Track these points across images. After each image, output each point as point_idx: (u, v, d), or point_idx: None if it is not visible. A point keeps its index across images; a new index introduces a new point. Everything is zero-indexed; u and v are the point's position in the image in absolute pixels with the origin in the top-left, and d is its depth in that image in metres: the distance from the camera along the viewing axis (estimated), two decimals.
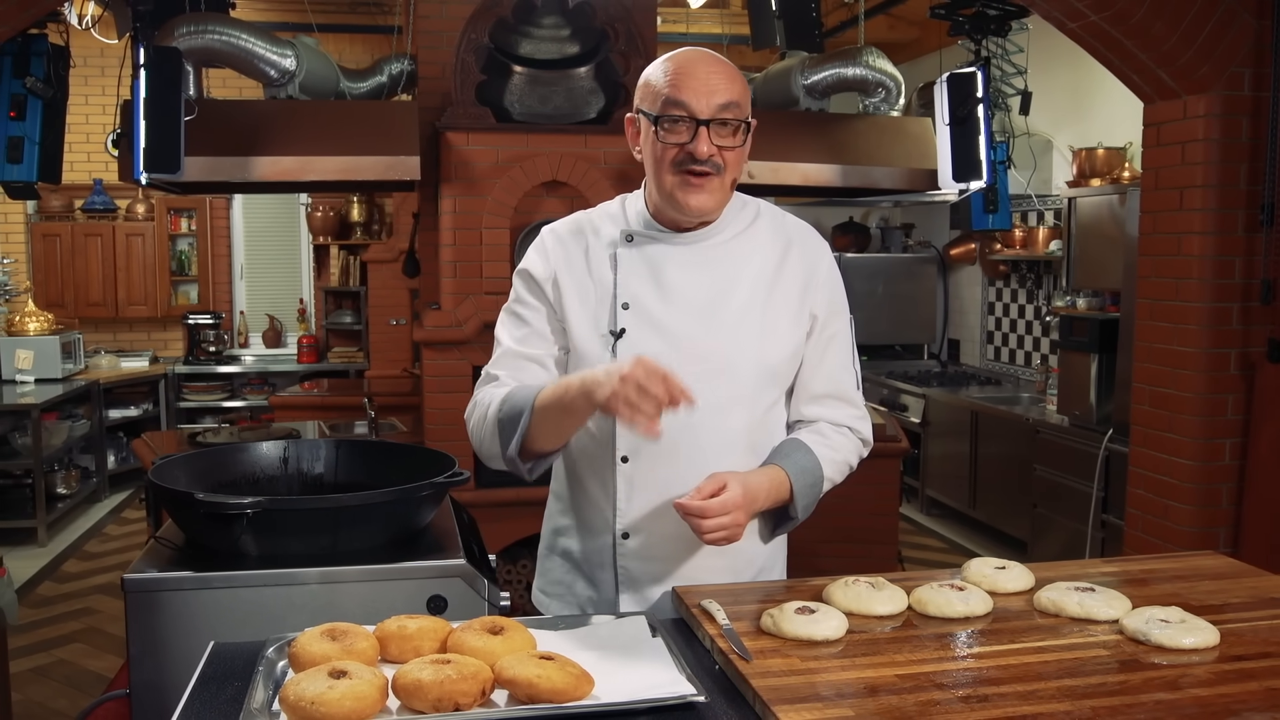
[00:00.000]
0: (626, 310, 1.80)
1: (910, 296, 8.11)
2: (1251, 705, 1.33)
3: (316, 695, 1.27)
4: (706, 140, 1.72)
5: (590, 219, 1.91)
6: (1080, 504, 5.36)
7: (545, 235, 1.91)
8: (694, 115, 1.71)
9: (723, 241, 1.84)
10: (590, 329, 1.82)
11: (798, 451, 1.84)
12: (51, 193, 7.96)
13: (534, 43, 4.82)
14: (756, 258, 1.84)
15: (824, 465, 1.85)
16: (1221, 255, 3.57)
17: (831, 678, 1.40)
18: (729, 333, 1.80)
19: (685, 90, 1.71)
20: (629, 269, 1.82)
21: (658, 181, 1.79)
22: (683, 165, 1.74)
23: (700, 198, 1.76)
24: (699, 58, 1.75)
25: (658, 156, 1.76)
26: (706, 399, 1.74)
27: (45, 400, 6.62)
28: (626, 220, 1.87)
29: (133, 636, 1.76)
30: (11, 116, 4.18)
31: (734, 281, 1.82)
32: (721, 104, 1.72)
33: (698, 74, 1.72)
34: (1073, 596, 1.64)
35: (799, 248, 1.88)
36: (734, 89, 1.73)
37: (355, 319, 8.66)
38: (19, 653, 4.62)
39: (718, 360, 1.79)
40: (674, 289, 1.81)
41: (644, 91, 1.79)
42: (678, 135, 1.73)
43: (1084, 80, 6.11)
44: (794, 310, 1.84)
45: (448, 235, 4.67)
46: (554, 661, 1.36)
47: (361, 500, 1.82)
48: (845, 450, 1.91)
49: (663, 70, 1.76)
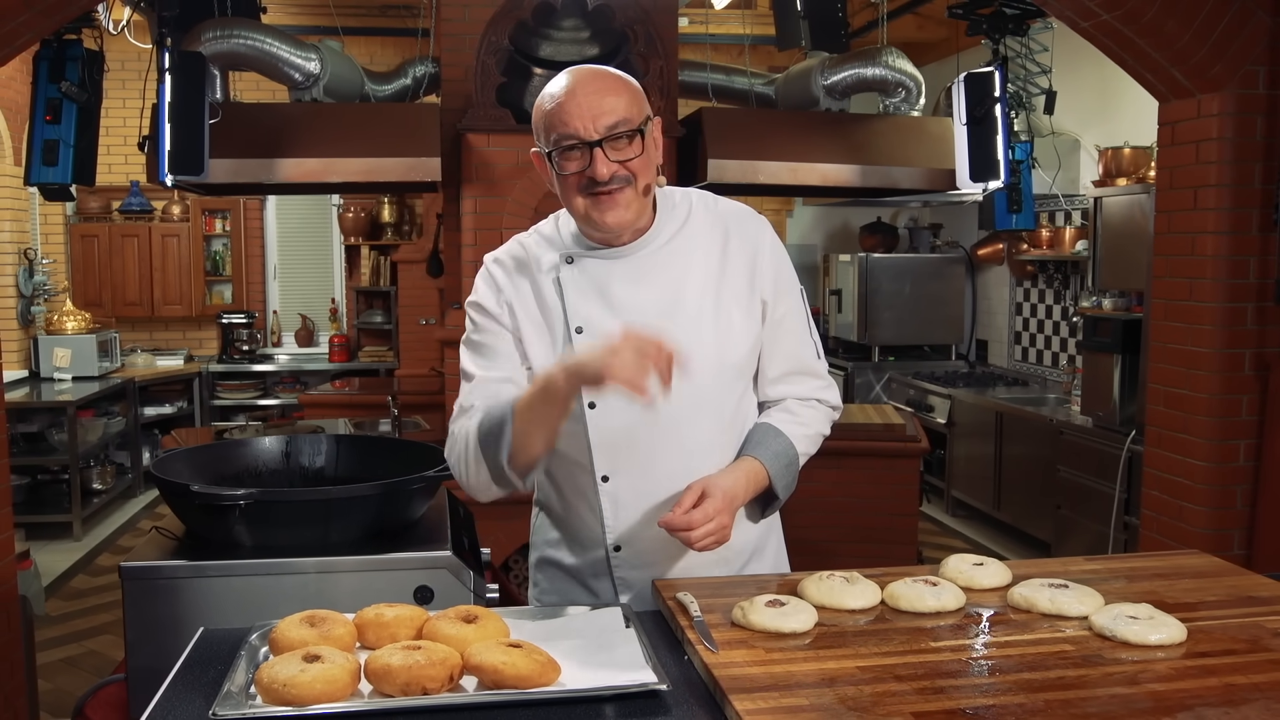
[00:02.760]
0: (580, 334, 1.80)
1: (938, 297, 8.07)
2: (1207, 700, 1.34)
3: (289, 678, 1.32)
4: (604, 161, 1.70)
5: (526, 246, 1.88)
6: (1103, 505, 5.32)
7: (490, 267, 1.89)
8: (584, 140, 1.70)
9: (661, 246, 1.83)
10: (548, 357, 1.82)
11: (769, 437, 1.87)
12: (89, 194, 8.13)
13: (554, 45, 4.87)
14: (698, 256, 1.84)
15: (796, 443, 1.88)
16: (1236, 255, 3.54)
17: (793, 669, 1.42)
18: (685, 338, 1.76)
19: (570, 119, 1.69)
20: (575, 292, 1.81)
21: (571, 209, 1.79)
22: (589, 189, 1.73)
23: (615, 213, 1.75)
24: (577, 81, 1.72)
25: (564, 186, 1.76)
26: (674, 406, 1.74)
27: (82, 398, 6.77)
28: (563, 241, 1.86)
29: (131, 623, 1.82)
30: (47, 120, 4.28)
31: (681, 286, 1.82)
32: (609, 124, 1.70)
33: (578, 98, 1.70)
34: (1044, 593, 1.65)
35: (737, 233, 1.86)
36: (619, 103, 1.71)
37: (386, 318, 8.77)
38: (51, 643, 4.74)
39: (679, 368, 1.78)
40: (623, 305, 1.80)
41: (536, 127, 1.77)
42: (574, 163, 1.72)
43: (1110, 79, 6.07)
44: (745, 302, 1.85)
45: (469, 235, 4.73)
46: (521, 649, 1.40)
47: (351, 493, 1.88)
48: (816, 423, 1.94)
49: (546, 102, 1.74)
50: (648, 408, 1.64)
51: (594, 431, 1.81)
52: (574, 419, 1.80)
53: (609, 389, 1.57)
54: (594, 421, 1.81)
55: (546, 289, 1.83)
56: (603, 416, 1.80)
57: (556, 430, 1.74)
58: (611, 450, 1.82)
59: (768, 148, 4.89)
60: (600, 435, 1.81)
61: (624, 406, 1.75)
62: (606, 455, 1.82)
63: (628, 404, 1.72)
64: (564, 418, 1.73)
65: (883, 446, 4.62)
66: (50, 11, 3.19)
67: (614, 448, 1.82)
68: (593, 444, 1.82)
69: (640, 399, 1.55)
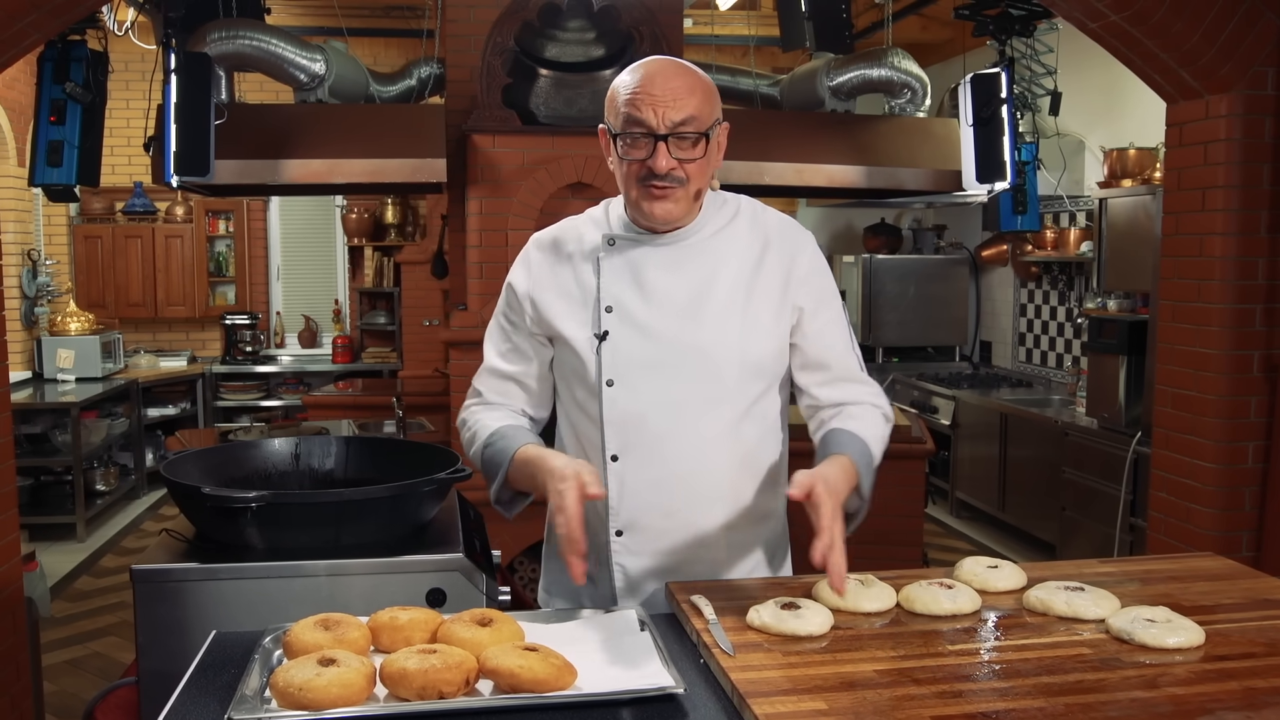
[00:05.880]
0: (610, 313, 1.84)
1: (942, 298, 8.07)
2: (1227, 704, 1.33)
3: (304, 682, 1.32)
4: (665, 156, 1.74)
5: (575, 225, 1.95)
6: (1109, 507, 5.32)
7: (529, 246, 1.97)
8: (652, 131, 1.73)
9: (701, 240, 1.86)
10: (578, 332, 1.86)
11: (847, 439, 1.84)
12: (93, 195, 8.12)
13: (559, 46, 4.87)
14: (735, 255, 1.86)
15: (872, 445, 1.88)
16: (1244, 256, 3.53)
17: (811, 672, 1.42)
18: (711, 330, 1.82)
19: (643, 107, 1.73)
20: (611, 272, 1.86)
21: (625, 192, 1.84)
22: (645, 180, 1.77)
23: (664, 206, 1.79)
24: (658, 71, 1.76)
25: (622, 171, 1.81)
26: (691, 395, 1.80)
27: (85, 399, 6.77)
28: (609, 224, 1.91)
29: (142, 625, 1.81)
30: (51, 121, 4.28)
31: (713, 279, 1.84)
32: (679, 120, 1.73)
33: (655, 89, 1.73)
34: (1061, 596, 1.65)
35: (778, 243, 1.89)
36: (692, 102, 1.74)
37: (389, 320, 8.76)
38: (55, 645, 4.73)
39: (701, 358, 1.81)
40: (655, 290, 1.84)
41: (609, 106, 1.81)
42: (638, 151, 1.76)
43: (1115, 80, 6.05)
44: (775, 305, 1.86)
45: (474, 237, 4.72)
46: (537, 652, 1.39)
47: (363, 495, 1.87)
48: (880, 426, 1.94)
49: (623, 85, 1.78)
50: (663, 391, 1.78)
51: (608, 408, 1.83)
52: (591, 394, 1.85)
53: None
54: (609, 398, 1.83)
55: (583, 264, 1.89)
56: (619, 394, 1.83)
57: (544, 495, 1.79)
58: (623, 429, 1.83)
59: (774, 149, 4.89)
60: (614, 413, 1.83)
61: (641, 387, 1.81)
62: (617, 434, 1.83)
63: (645, 385, 1.81)
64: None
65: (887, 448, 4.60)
66: (58, 12, 3.18)
67: (626, 427, 1.83)
68: (605, 420, 1.83)
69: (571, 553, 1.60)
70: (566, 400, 1.94)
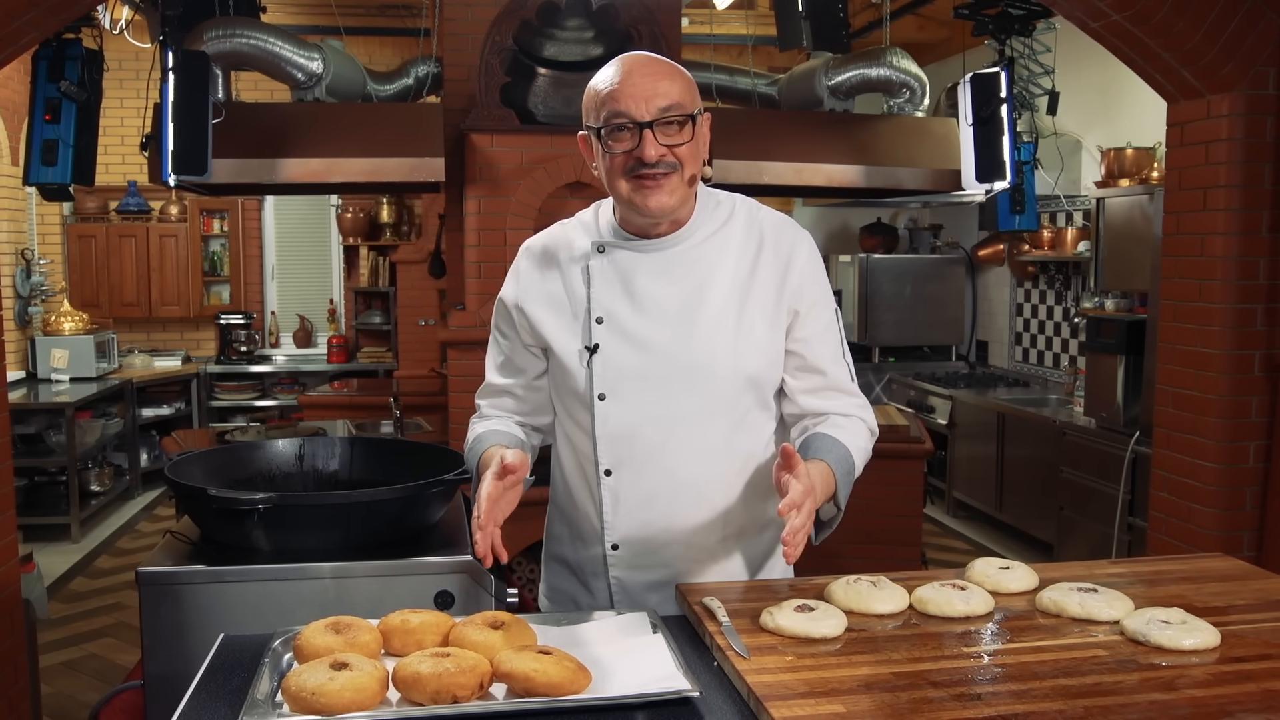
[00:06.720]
0: (600, 325, 1.80)
1: (938, 298, 8.07)
2: (1247, 706, 1.33)
3: (317, 686, 1.30)
4: (653, 143, 1.70)
5: (565, 231, 1.90)
6: (1107, 507, 5.32)
7: (519, 256, 1.93)
8: (636, 120, 1.70)
9: (694, 245, 1.82)
10: (569, 344, 1.82)
11: (829, 445, 1.80)
12: (87, 194, 8.08)
13: (558, 45, 4.86)
14: (729, 259, 1.82)
15: (854, 455, 1.83)
16: (1245, 256, 3.53)
17: (827, 675, 1.41)
18: (704, 341, 1.77)
19: (623, 98, 1.70)
20: (601, 282, 1.81)
21: (614, 192, 1.78)
22: (634, 171, 1.72)
23: (659, 197, 1.73)
24: (634, 64, 1.74)
25: (609, 167, 1.75)
26: (684, 408, 1.77)
27: (79, 399, 6.73)
28: (599, 230, 1.86)
29: (147, 628, 1.80)
30: (46, 120, 4.25)
31: (706, 287, 1.80)
32: (662, 107, 1.70)
33: (634, 80, 1.71)
34: (1074, 597, 1.64)
35: (773, 244, 1.84)
36: (674, 88, 1.72)
37: (384, 319, 8.74)
38: (51, 646, 4.70)
39: (694, 370, 1.77)
40: (646, 299, 1.79)
41: (587, 107, 1.77)
42: (623, 143, 1.72)
43: (1113, 80, 6.06)
44: (770, 312, 1.81)
45: (472, 236, 4.71)
46: (551, 656, 1.38)
47: (370, 497, 1.86)
48: (864, 438, 1.89)
49: (601, 83, 1.75)
50: (656, 405, 1.75)
51: (600, 423, 1.80)
52: (583, 407, 1.82)
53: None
54: (601, 413, 1.80)
55: (572, 273, 1.85)
56: (611, 409, 1.79)
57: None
58: (615, 444, 1.80)
59: (772, 148, 4.88)
60: (606, 427, 1.80)
61: (633, 401, 1.78)
62: (610, 448, 1.81)
63: (637, 398, 1.78)
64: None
65: (886, 448, 4.54)
66: (56, 10, 3.16)
67: (618, 441, 1.80)
68: (597, 435, 1.81)
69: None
70: (560, 412, 1.91)
